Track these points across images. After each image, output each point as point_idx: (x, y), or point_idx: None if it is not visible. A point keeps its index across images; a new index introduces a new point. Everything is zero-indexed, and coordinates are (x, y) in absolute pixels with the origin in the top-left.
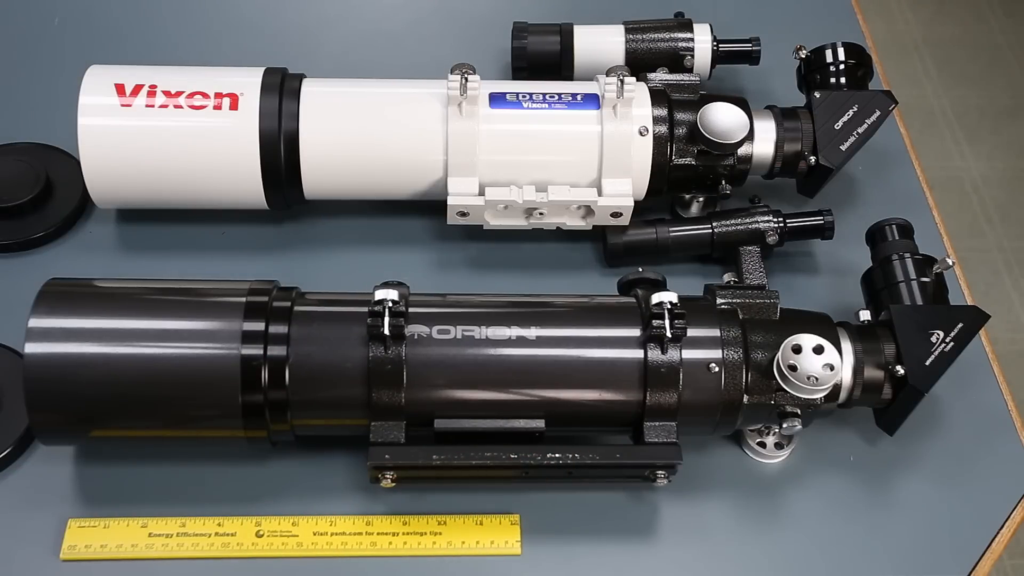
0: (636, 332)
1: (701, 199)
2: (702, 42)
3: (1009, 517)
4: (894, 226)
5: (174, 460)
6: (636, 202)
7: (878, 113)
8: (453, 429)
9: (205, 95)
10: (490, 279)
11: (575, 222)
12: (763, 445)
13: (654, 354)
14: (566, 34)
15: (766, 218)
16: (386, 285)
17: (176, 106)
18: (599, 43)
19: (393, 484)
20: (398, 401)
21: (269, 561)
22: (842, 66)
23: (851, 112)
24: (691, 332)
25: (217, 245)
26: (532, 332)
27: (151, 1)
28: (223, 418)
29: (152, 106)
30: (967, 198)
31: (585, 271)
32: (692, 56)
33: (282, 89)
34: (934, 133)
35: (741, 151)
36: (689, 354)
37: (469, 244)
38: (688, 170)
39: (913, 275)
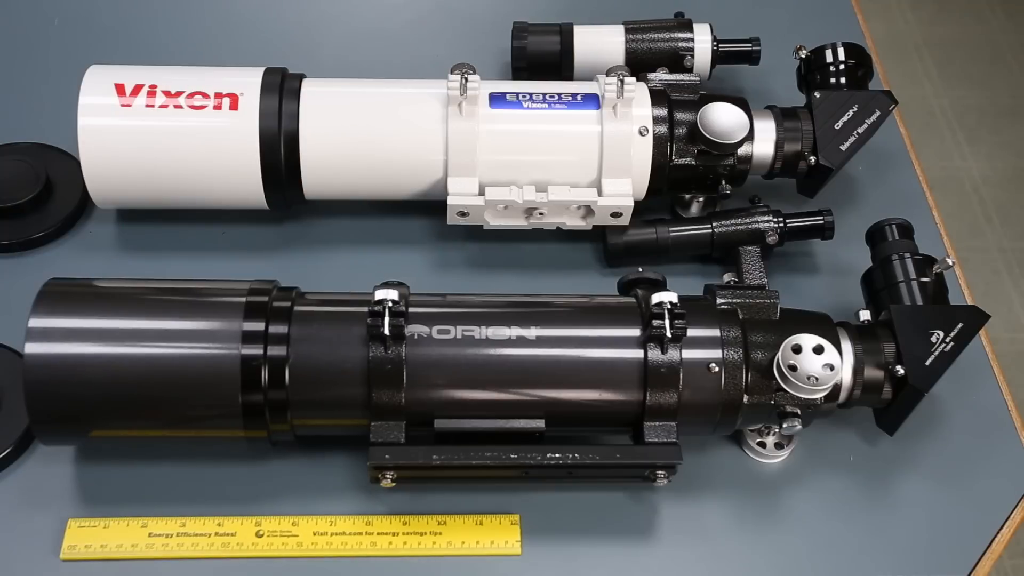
0: (636, 332)
1: (701, 199)
2: (702, 42)
3: (1009, 517)
4: (894, 226)
5: (174, 460)
6: (636, 202)
7: (878, 113)
8: (453, 429)
9: (205, 95)
10: (490, 279)
11: (575, 222)
12: (763, 445)
13: (654, 354)
14: (566, 34)
15: (766, 218)
16: (386, 285)
17: (176, 106)
18: (599, 43)
19: (393, 484)
20: (398, 401)
21: (269, 561)
22: (842, 66)
23: (851, 112)
24: (691, 332)
25: (217, 245)
26: (532, 332)
27: (151, 1)
28: (223, 418)
29: (152, 106)
30: (967, 198)
31: (585, 271)
32: (692, 56)
33: (282, 89)
34: (934, 133)
35: (741, 151)
36: (689, 354)
37: (469, 244)
38: (688, 170)
39: (913, 275)
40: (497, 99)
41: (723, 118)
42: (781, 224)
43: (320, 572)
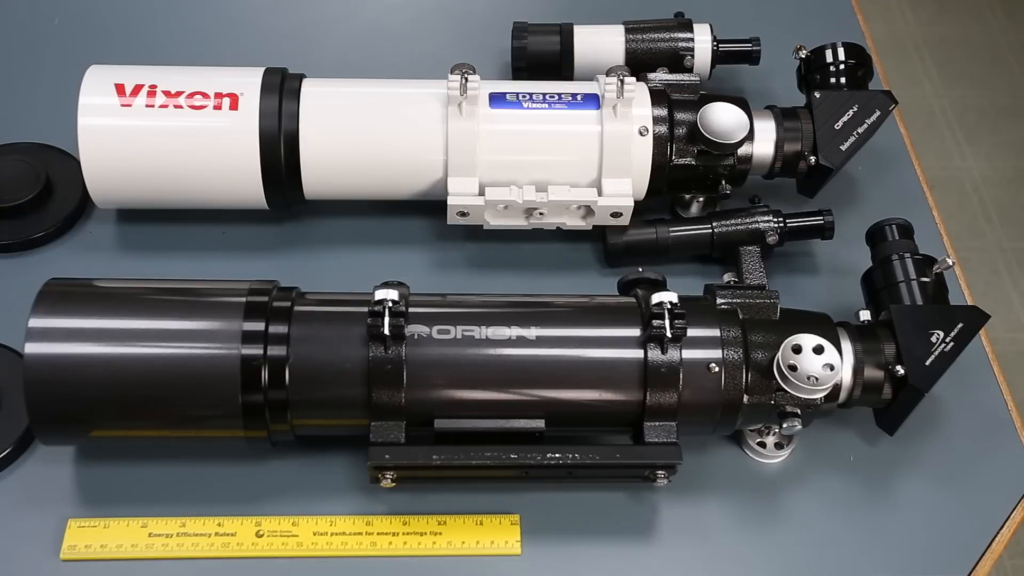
0: (636, 332)
1: (701, 199)
2: (702, 42)
3: (1009, 517)
4: (894, 226)
5: (174, 460)
6: (636, 202)
7: (878, 113)
8: (453, 429)
9: (205, 95)
10: (490, 279)
11: (575, 222)
12: (763, 445)
13: (654, 354)
14: (566, 34)
15: (766, 218)
16: (386, 285)
17: (176, 106)
18: (599, 43)
19: (393, 484)
20: (398, 401)
21: (269, 561)
22: (842, 66)
23: (851, 112)
24: (691, 332)
25: (217, 245)
26: (532, 332)
27: (151, 1)
28: (223, 418)
29: (152, 106)
30: (967, 198)
31: (585, 271)
32: (692, 56)
33: (282, 89)
34: (934, 133)
35: (741, 151)
36: (689, 354)
37: (469, 244)
38: (688, 170)
39: (913, 275)
40: (497, 99)
41: (723, 118)
42: (781, 224)
43: (320, 572)
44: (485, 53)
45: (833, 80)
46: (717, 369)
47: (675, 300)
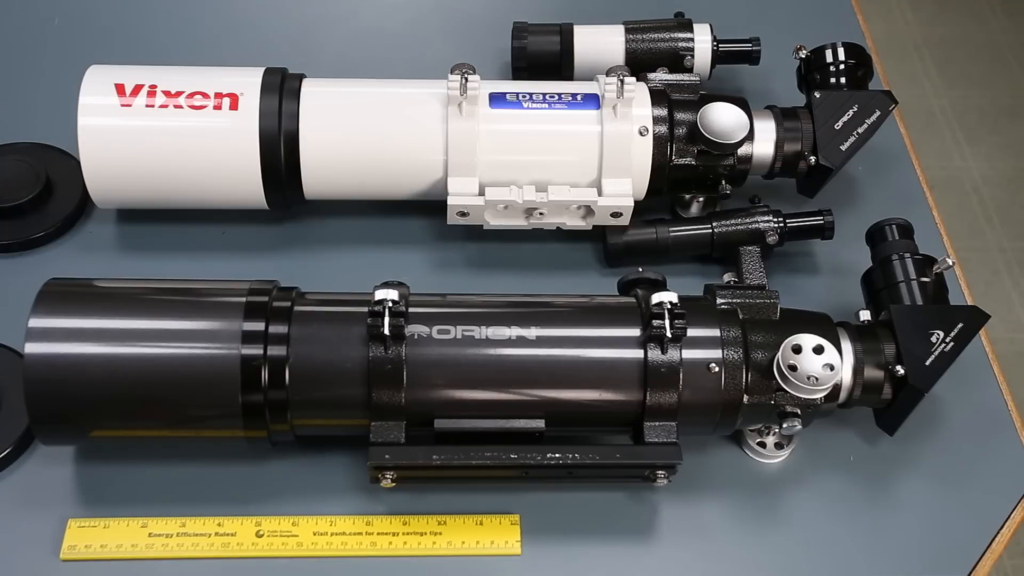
0: (636, 332)
1: (701, 199)
2: (702, 42)
3: (1009, 517)
4: (894, 226)
5: (174, 460)
6: (636, 202)
7: (878, 113)
8: (453, 429)
9: (205, 95)
10: (490, 279)
11: (575, 222)
12: (763, 445)
13: (654, 354)
14: (566, 34)
15: (766, 218)
16: (386, 285)
17: (176, 106)
18: (599, 43)
19: (393, 484)
20: (398, 401)
21: (269, 561)
22: (842, 66)
23: (851, 112)
24: (691, 332)
25: (217, 245)
26: (532, 332)
27: (151, 1)
28: (223, 418)
29: (152, 106)
30: (967, 198)
31: (585, 271)
32: (692, 56)
33: (282, 89)
34: (934, 133)
35: (741, 151)
36: (689, 354)
37: (469, 244)
38: (688, 170)
39: (913, 275)
40: (497, 99)
41: (723, 118)
42: (781, 224)
43: (320, 572)
44: (485, 53)
45: (833, 80)
46: (717, 369)
47: (675, 300)
